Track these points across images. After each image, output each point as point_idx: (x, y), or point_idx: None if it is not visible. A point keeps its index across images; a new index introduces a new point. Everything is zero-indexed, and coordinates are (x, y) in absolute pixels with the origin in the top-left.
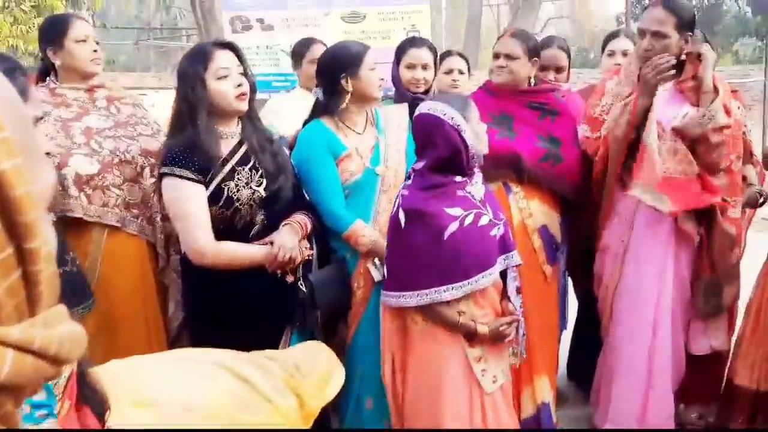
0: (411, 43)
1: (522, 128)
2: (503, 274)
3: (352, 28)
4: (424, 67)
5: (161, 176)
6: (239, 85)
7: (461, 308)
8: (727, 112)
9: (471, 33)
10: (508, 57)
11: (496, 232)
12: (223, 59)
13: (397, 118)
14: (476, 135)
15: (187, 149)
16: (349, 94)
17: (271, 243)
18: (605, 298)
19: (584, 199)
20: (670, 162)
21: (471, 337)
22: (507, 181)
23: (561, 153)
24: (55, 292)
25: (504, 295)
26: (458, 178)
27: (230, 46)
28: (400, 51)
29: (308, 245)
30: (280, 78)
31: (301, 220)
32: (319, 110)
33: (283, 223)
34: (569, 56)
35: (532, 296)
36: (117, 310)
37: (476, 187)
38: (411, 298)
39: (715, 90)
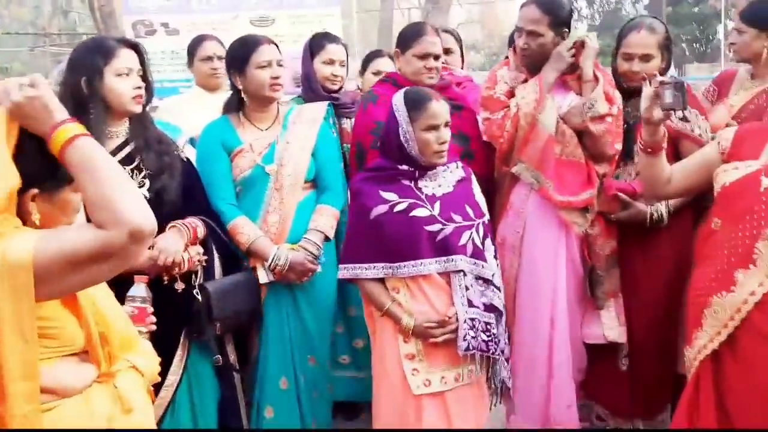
0: (327, 38)
1: None
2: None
3: (261, 32)
4: (341, 63)
5: None
6: (137, 87)
7: (399, 298)
8: (609, 100)
9: (383, 37)
10: (438, 57)
11: (434, 229)
12: (126, 58)
13: (310, 116)
14: (415, 139)
15: None
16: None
17: (152, 247)
18: (507, 294)
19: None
20: (560, 145)
21: (401, 329)
22: None
23: (472, 149)
24: None
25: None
26: (404, 167)
27: (135, 47)
28: (316, 46)
29: (200, 251)
30: (187, 83)
31: (190, 223)
32: (228, 106)
33: (169, 226)
34: (460, 41)
35: None
36: None
37: (432, 183)
38: (341, 270)
39: (596, 79)
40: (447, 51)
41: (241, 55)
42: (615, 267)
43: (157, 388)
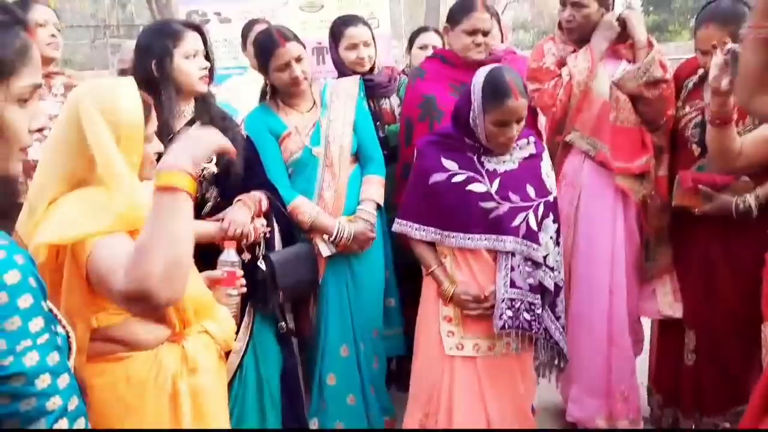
0: (345, 23)
1: None
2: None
3: (310, 17)
4: (365, 44)
5: None
6: (204, 68)
7: (445, 263)
8: (663, 67)
9: (431, 19)
10: (486, 33)
11: (488, 206)
12: (192, 40)
13: (345, 91)
14: (483, 128)
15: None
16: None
17: (222, 219)
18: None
19: None
20: (614, 111)
21: (441, 293)
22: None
23: None
24: None
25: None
26: (470, 141)
27: (199, 29)
28: (336, 33)
29: (264, 223)
30: (239, 71)
31: (255, 196)
32: (264, 94)
33: (236, 199)
34: (497, 18)
35: None
36: None
37: (495, 158)
38: (395, 225)
39: (650, 44)
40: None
41: (261, 58)
42: (666, 243)
43: (226, 355)
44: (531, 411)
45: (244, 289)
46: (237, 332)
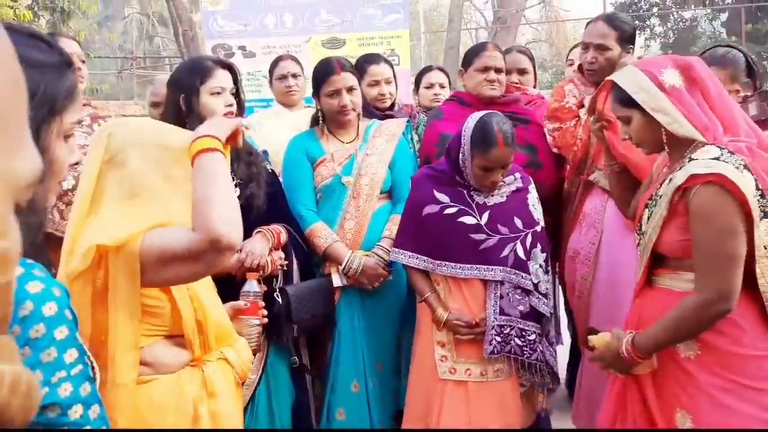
0: (368, 61)
1: None
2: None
3: (332, 54)
4: (387, 81)
5: None
6: (229, 105)
7: (438, 290)
8: None
9: (450, 58)
10: (499, 70)
11: (478, 238)
12: (221, 78)
13: (389, 131)
14: (470, 170)
15: None
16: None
17: (240, 250)
18: (579, 307)
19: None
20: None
21: (434, 319)
22: None
23: (540, 159)
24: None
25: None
26: (460, 178)
27: (230, 67)
28: (359, 70)
29: (282, 255)
30: (261, 103)
31: (274, 229)
32: (314, 120)
33: (255, 231)
34: (533, 61)
35: None
36: None
37: (486, 195)
38: (392, 253)
39: None
40: (522, 71)
41: (315, 83)
42: None
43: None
44: None
45: (266, 320)
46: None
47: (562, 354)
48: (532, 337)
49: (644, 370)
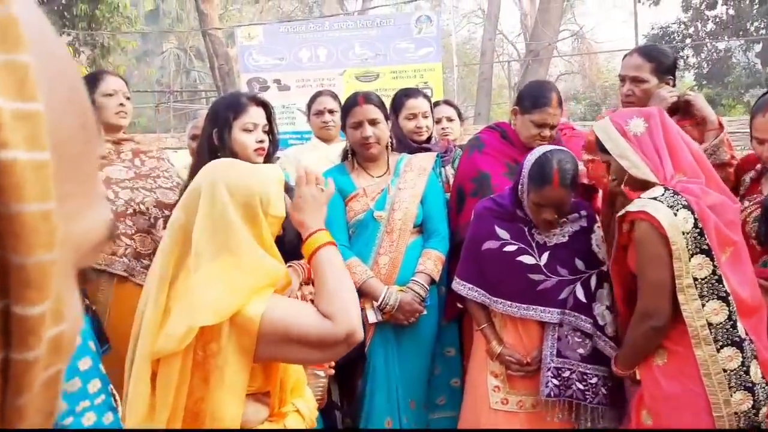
0: (406, 94)
1: None
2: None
3: (366, 86)
4: (424, 115)
5: (167, 217)
6: (260, 141)
7: (496, 322)
8: (730, 147)
9: (483, 90)
10: (553, 127)
11: (537, 278)
12: (253, 114)
13: (420, 165)
14: (528, 205)
15: None
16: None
17: None
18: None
19: None
20: None
21: (488, 351)
22: None
23: None
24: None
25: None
26: (521, 213)
27: (264, 105)
28: (398, 104)
29: (312, 290)
30: (295, 136)
31: (304, 263)
32: (345, 154)
33: (287, 265)
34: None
35: None
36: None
37: (547, 234)
38: (453, 282)
39: (720, 126)
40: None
41: (342, 115)
42: None
43: None
44: None
45: (332, 371)
46: None
47: None
48: (594, 380)
49: (635, 382)
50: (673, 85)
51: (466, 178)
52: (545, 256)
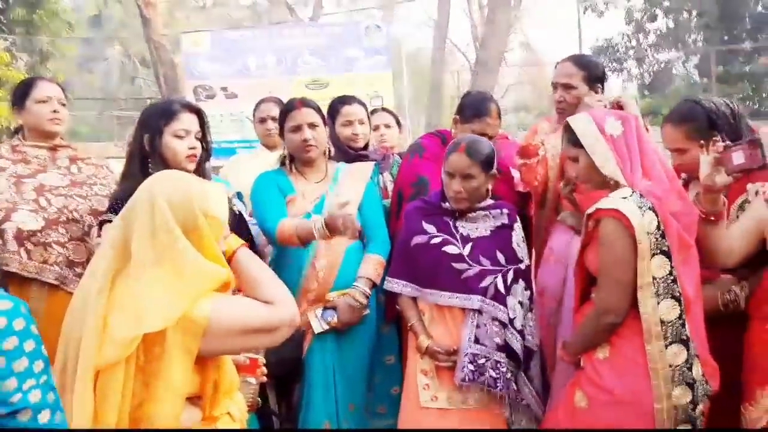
0: (342, 101)
1: None
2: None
3: (315, 95)
4: (360, 122)
5: (101, 224)
6: (192, 148)
7: (425, 319)
8: None
9: (434, 99)
10: (492, 138)
11: (460, 267)
12: (185, 121)
13: (358, 173)
14: (444, 178)
15: (129, 196)
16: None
17: None
18: (547, 337)
19: None
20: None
21: (417, 346)
22: None
23: None
24: None
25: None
26: (447, 205)
27: (197, 111)
28: (333, 111)
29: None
30: (244, 144)
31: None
32: (282, 160)
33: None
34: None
35: None
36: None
37: (470, 224)
38: (386, 282)
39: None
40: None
41: (280, 120)
42: None
43: None
44: None
45: (264, 378)
46: None
47: None
48: (504, 369)
49: (577, 366)
50: (602, 93)
51: (406, 183)
52: (468, 246)
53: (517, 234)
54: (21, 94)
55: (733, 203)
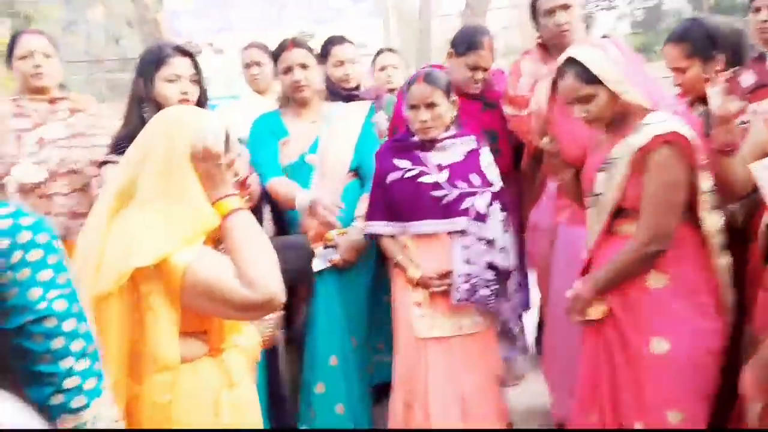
0: (331, 42)
1: (467, 121)
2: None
3: None
4: (351, 62)
5: (101, 164)
6: (185, 93)
7: (410, 253)
8: None
9: (422, 45)
10: (486, 70)
11: (439, 194)
12: (177, 65)
13: (353, 114)
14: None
15: (130, 139)
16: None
17: None
18: (540, 276)
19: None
20: None
21: (408, 278)
22: None
23: (499, 146)
24: None
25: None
26: (415, 139)
27: (190, 55)
28: (324, 52)
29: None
30: (231, 100)
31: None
32: (281, 102)
33: None
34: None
35: None
36: None
37: (441, 153)
38: (367, 227)
39: None
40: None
41: (273, 62)
42: None
43: None
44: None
45: (281, 312)
46: None
47: (532, 317)
48: (496, 287)
49: (596, 314)
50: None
51: (402, 120)
52: (444, 173)
53: (484, 158)
54: (8, 52)
55: None
